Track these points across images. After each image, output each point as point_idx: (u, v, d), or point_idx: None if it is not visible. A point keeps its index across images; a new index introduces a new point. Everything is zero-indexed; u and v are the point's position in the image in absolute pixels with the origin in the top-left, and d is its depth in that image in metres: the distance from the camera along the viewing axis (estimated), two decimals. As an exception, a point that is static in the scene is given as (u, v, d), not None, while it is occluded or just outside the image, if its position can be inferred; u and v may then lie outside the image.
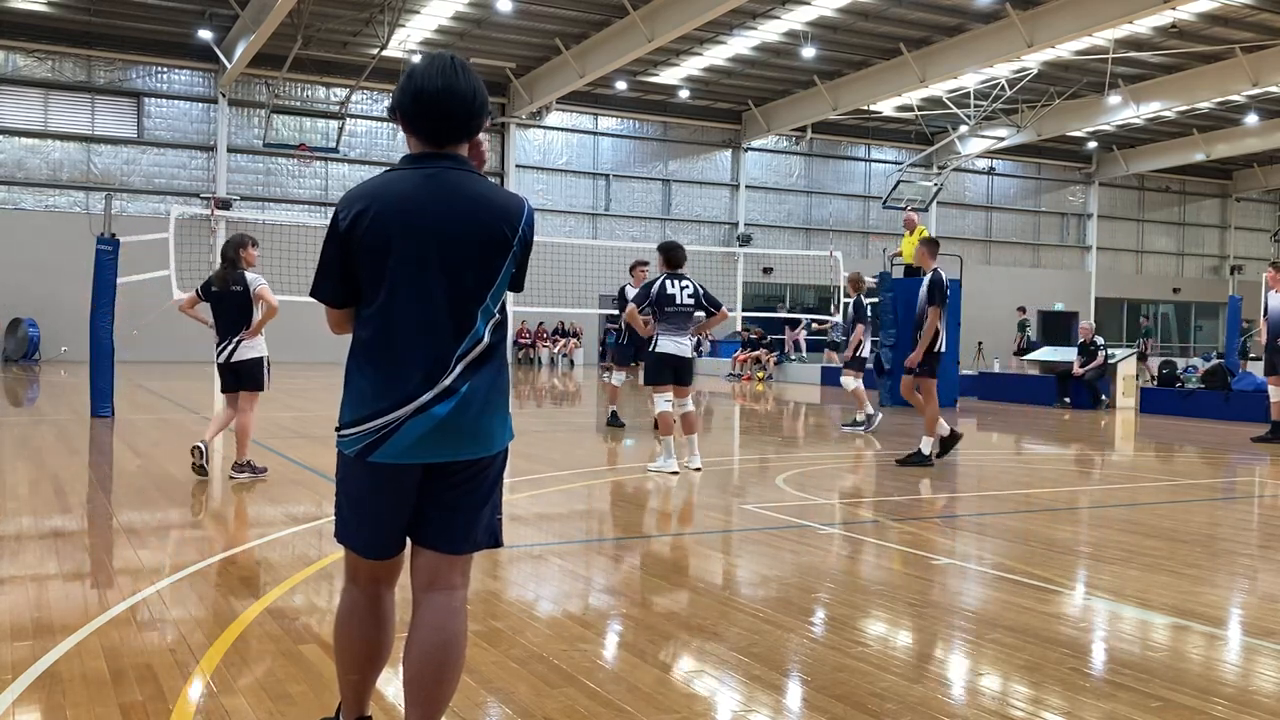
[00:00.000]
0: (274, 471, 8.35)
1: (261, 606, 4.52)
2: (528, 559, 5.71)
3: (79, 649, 3.91)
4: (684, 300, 8.86)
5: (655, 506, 7.63)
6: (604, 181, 33.11)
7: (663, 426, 8.90)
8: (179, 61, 27.88)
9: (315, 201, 29.38)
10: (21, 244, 25.99)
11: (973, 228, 38.58)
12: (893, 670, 3.87)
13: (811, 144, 35.73)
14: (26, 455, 9.25)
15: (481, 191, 2.73)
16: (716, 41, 27.06)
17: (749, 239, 34.26)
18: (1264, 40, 25.28)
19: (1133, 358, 19.37)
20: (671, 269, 8.96)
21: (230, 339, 8.03)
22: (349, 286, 2.72)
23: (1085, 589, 5.31)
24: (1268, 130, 33.57)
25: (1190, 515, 7.67)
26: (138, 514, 6.76)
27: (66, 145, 27.13)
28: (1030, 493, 8.45)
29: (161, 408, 14.46)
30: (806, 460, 10.54)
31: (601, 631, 4.38)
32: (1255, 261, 41.16)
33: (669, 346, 8.85)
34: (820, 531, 6.62)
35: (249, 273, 8.08)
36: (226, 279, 8.05)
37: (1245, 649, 4.35)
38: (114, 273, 12.88)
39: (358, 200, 2.69)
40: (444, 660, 2.71)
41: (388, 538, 2.77)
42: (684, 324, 8.94)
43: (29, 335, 25.55)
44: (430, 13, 25.13)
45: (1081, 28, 22.91)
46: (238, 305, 8.02)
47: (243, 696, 3.46)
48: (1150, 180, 41.39)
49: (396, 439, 2.64)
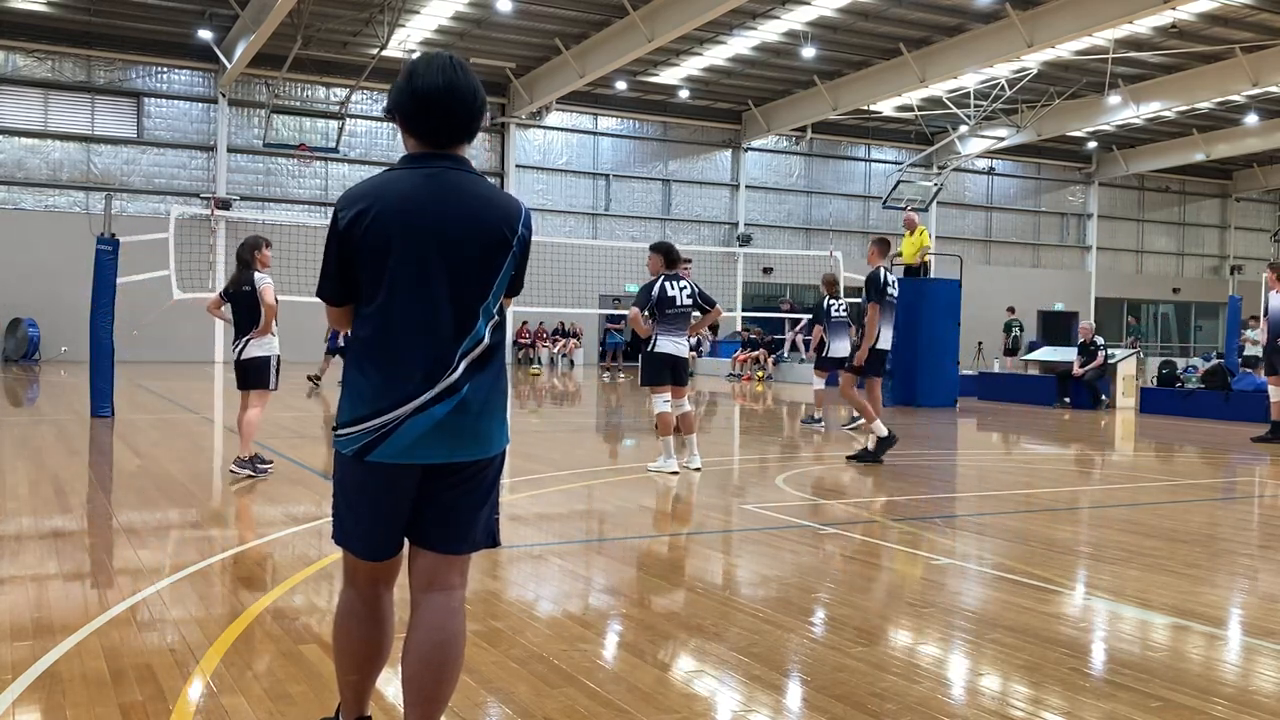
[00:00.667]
0: (274, 471, 8.35)
1: (261, 606, 4.52)
2: (528, 559, 5.71)
3: (79, 649, 3.91)
4: (683, 301, 8.89)
5: (655, 506, 7.63)
6: (604, 181, 33.10)
7: (662, 427, 8.91)
8: (179, 61, 27.88)
9: (315, 201, 29.38)
10: (21, 244, 25.99)
11: (973, 228, 38.58)
12: (893, 670, 3.87)
13: (811, 144, 35.73)
14: (26, 455, 9.25)
15: (482, 192, 2.74)
16: (716, 41, 27.06)
17: (749, 239, 34.26)
18: (1264, 40, 25.28)
19: (1133, 358, 19.35)
20: (669, 269, 8.98)
21: (241, 338, 8.21)
22: (348, 285, 2.72)
23: (1085, 589, 5.31)
24: (1268, 130, 33.56)
25: (1190, 515, 7.67)
26: (138, 514, 6.76)
27: (66, 145, 27.13)
28: (1030, 493, 8.45)
29: (161, 408, 14.46)
30: (807, 460, 10.54)
31: (601, 631, 4.38)
32: (1255, 261, 41.15)
33: (668, 346, 8.87)
34: (820, 531, 6.62)
35: (258, 273, 8.21)
36: (240, 280, 8.24)
37: (1245, 649, 4.35)
38: (114, 273, 12.87)
39: (358, 200, 2.68)
40: (443, 660, 2.71)
41: (386, 539, 2.76)
42: (683, 325, 8.98)
43: (29, 335, 25.55)
44: (430, 13, 25.13)
45: (1081, 28, 22.91)
46: (248, 305, 8.19)
47: (243, 696, 3.46)
48: (1150, 180, 41.39)
49: (395, 438, 2.64)
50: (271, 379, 8.30)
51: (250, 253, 8.24)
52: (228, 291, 8.34)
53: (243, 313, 8.21)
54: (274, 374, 8.32)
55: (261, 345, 8.19)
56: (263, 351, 8.20)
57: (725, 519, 7.26)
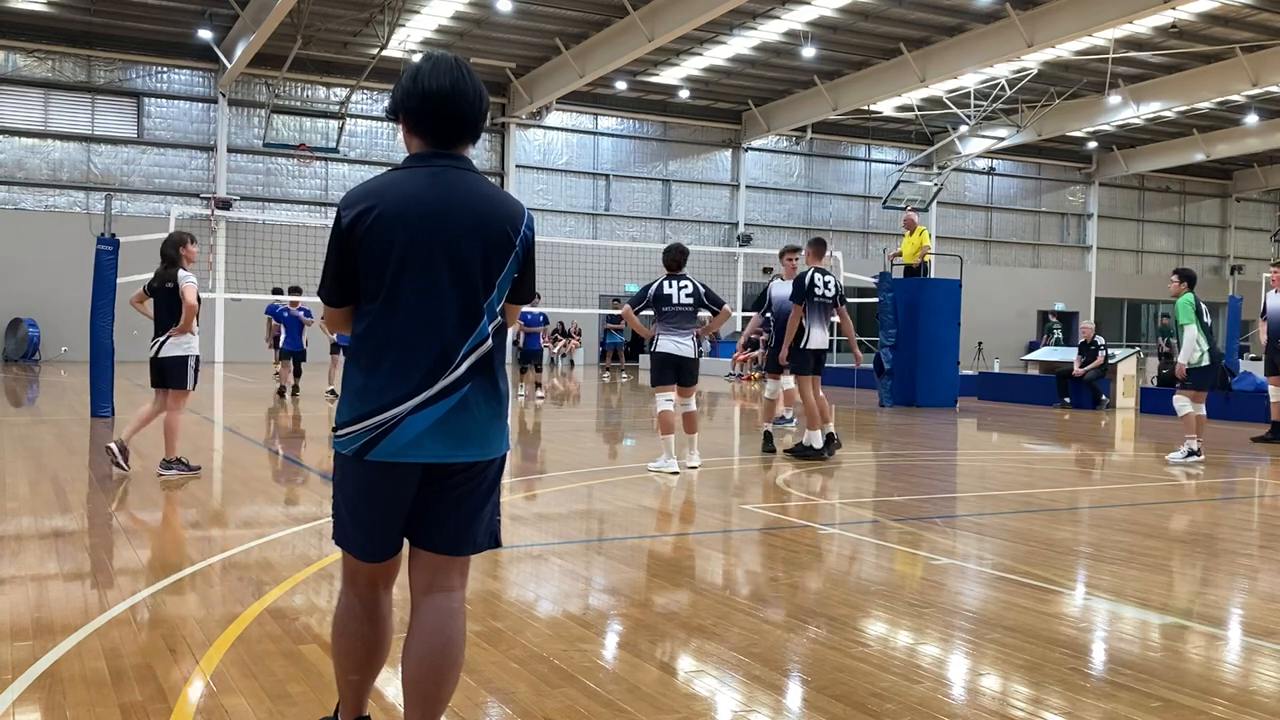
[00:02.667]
0: (274, 471, 8.35)
1: (261, 606, 4.52)
2: (528, 559, 5.70)
3: (79, 649, 3.90)
4: (682, 300, 8.90)
5: (655, 506, 7.63)
6: (604, 181, 33.11)
7: (663, 426, 8.92)
8: (179, 61, 27.89)
9: (315, 201, 29.39)
10: (21, 244, 26.00)
11: (973, 228, 38.59)
12: (893, 670, 3.86)
13: (811, 144, 35.74)
14: (26, 455, 9.25)
15: (486, 192, 2.75)
16: (716, 41, 27.07)
17: (749, 239, 34.26)
18: (1264, 40, 25.28)
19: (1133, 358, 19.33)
20: (671, 271, 9.02)
21: (160, 335, 8.06)
22: (348, 286, 2.71)
23: (1085, 589, 5.31)
24: (1268, 130, 33.57)
25: (1190, 515, 7.67)
26: (138, 514, 6.76)
27: (66, 145, 27.13)
28: (1030, 493, 8.45)
29: (161, 408, 14.43)
30: (806, 460, 10.54)
31: (601, 631, 4.37)
32: (1255, 261, 41.17)
33: (669, 346, 8.92)
34: (820, 531, 6.62)
35: (182, 271, 8.05)
36: (164, 276, 8.08)
37: (1245, 649, 4.35)
38: (114, 273, 12.88)
39: (361, 199, 2.68)
40: (443, 661, 2.71)
41: (386, 540, 2.76)
42: (684, 324, 8.99)
43: (29, 335, 25.56)
44: (430, 13, 25.13)
45: (1081, 28, 22.92)
46: (168, 303, 8.04)
47: (243, 696, 3.46)
48: (1150, 180, 41.40)
49: (394, 436, 2.63)
50: (189, 379, 8.12)
51: (175, 249, 8.07)
52: (151, 286, 8.15)
53: (163, 310, 8.04)
54: (192, 374, 8.13)
55: (180, 344, 8.02)
56: (180, 351, 8.03)
57: (725, 519, 7.26)
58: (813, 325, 10.12)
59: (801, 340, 10.07)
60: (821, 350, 10.28)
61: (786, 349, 10.16)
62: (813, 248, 10.50)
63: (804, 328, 10.05)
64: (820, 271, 10.24)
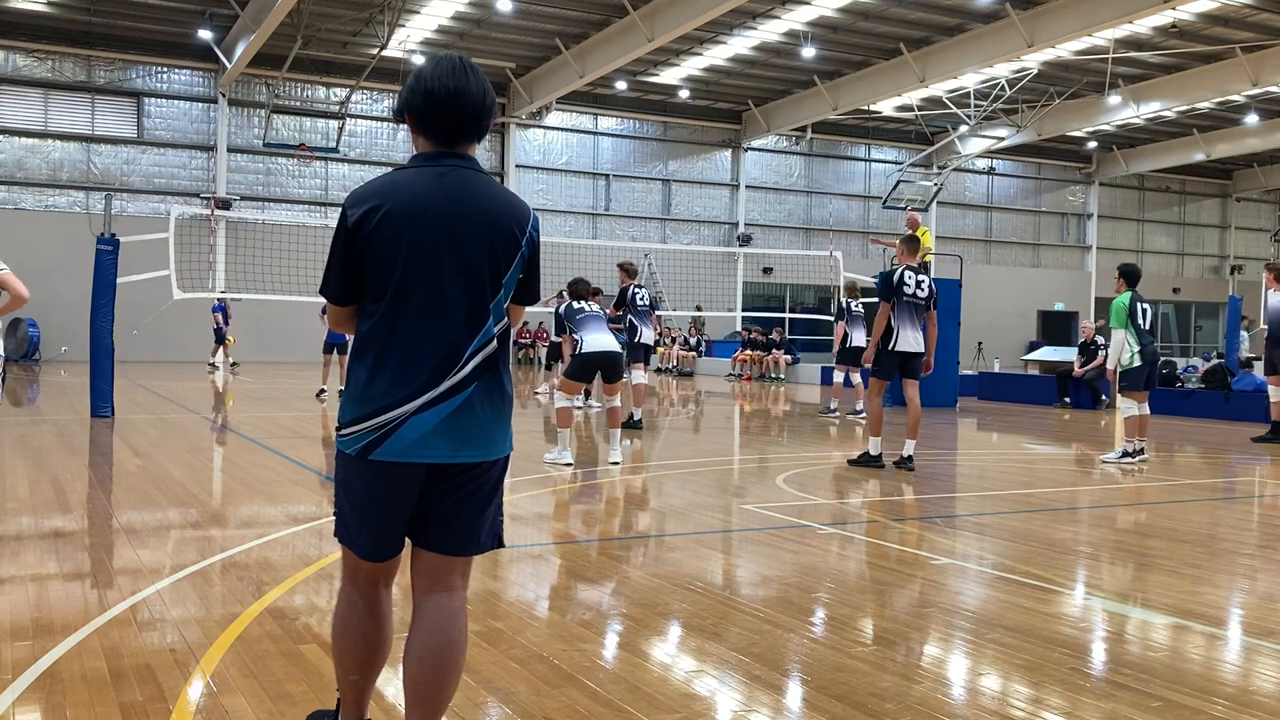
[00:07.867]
0: (274, 471, 8.35)
1: (261, 606, 4.52)
2: (528, 559, 5.71)
3: (79, 649, 3.90)
4: (592, 310, 10.15)
5: (655, 506, 7.64)
6: (604, 181, 33.10)
7: (561, 419, 9.60)
8: (179, 61, 27.88)
9: (315, 201, 29.38)
10: (21, 244, 25.90)
11: (973, 228, 38.58)
12: (893, 670, 3.86)
13: (811, 144, 35.73)
14: (26, 455, 9.25)
15: (493, 191, 2.76)
16: (716, 41, 27.06)
17: (749, 239, 34.26)
18: (1264, 40, 25.27)
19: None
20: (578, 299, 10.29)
21: None
22: (352, 285, 2.72)
23: (1085, 589, 5.31)
24: (1268, 130, 33.56)
25: (1190, 515, 7.67)
26: (138, 514, 6.76)
27: (66, 145, 27.12)
28: (1030, 493, 8.45)
29: (161, 408, 14.45)
30: (807, 460, 10.54)
31: (601, 631, 4.37)
32: (1255, 261, 41.13)
33: (594, 345, 9.70)
34: (820, 531, 6.62)
35: None
36: None
37: (1245, 649, 4.35)
38: (114, 273, 12.87)
39: (369, 198, 2.68)
40: (444, 661, 2.71)
41: (388, 540, 2.76)
42: (597, 326, 9.94)
43: (29, 335, 25.55)
44: (430, 13, 25.12)
45: (1081, 28, 22.91)
46: None
47: (243, 696, 3.46)
48: (1150, 180, 41.39)
49: (399, 435, 2.64)
50: None
51: None
52: None
53: None
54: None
55: None
56: None
57: (725, 519, 7.26)
58: (903, 326, 9.50)
59: (889, 342, 9.47)
60: (914, 353, 9.56)
61: (873, 349, 9.55)
62: (905, 245, 10.00)
63: (892, 327, 9.47)
64: (912, 270, 9.66)
